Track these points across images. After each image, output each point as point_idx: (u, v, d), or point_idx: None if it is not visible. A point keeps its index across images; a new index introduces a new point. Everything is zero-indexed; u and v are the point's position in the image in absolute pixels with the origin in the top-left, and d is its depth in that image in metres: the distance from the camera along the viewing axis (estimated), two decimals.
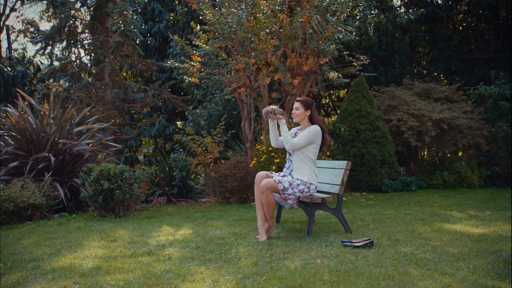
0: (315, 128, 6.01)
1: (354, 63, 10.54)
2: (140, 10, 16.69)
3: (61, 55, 13.12)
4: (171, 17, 16.23)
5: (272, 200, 5.85)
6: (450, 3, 17.90)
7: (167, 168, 10.45)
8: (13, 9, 28.15)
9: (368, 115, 11.84)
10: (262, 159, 9.20)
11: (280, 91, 11.12)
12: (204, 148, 10.19)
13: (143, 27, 16.46)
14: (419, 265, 4.42)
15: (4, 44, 27.04)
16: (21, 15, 47.86)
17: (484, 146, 12.85)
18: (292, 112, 6.22)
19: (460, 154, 14.20)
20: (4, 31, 26.62)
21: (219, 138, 10.62)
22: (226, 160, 10.90)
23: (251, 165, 9.21)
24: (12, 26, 31.20)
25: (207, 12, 9.98)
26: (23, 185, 8.19)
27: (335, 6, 9.93)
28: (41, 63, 18.71)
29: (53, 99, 10.30)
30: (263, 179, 5.92)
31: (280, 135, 6.62)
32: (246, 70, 10.11)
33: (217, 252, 5.16)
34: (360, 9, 16.80)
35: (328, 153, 10.07)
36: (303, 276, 4.17)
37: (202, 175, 10.76)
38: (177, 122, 17.37)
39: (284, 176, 6.09)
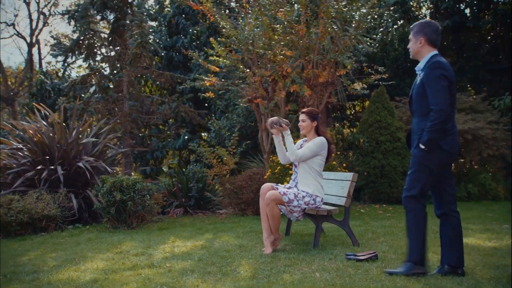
0: (321, 139, 5.94)
1: (372, 76, 10.42)
2: (165, 23, 16.87)
3: (85, 68, 13.38)
4: (195, 31, 16.34)
5: (277, 212, 5.79)
6: (477, 12, 17.61)
7: (184, 180, 10.46)
8: (45, 24, 28.87)
9: (388, 126, 11.67)
10: (276, 171, 9.15)
11: (297, 102, 11.06)
12: (219, 160, 10.18)
13: (168, 40, 16.63)
14: (419, 280, 4.30)
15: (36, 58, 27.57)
16: (54, 29, 48.91)
17: (509, 158, 12.53)
18: (299, 124, 6.17)
19: (487, 166, 13.87)
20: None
21: (233, 150, 10.60)
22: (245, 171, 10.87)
23: (265, 177, 9.16)
24: (46, 40, 31.89)
25: (224, 23, 10.01)
26: (38, 197, 8.29)
27: (353, 17, 9.85)
28: (68, 76, 19.05)
29: (72, 112, 10.45)
30: (268, 190, 5.88)
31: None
32: (263, 82, 10.09)
33: (219, 265, 5.12)
34: (383, 20, 16.66)
35: (344, 165, 9.96)
36: None
37: (219, 186, 10.73)
38: (202, 134, 17.44)
39: (290, 188, 6.03)
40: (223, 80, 11.10)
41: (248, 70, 10.13)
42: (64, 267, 5.25)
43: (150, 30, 16.49)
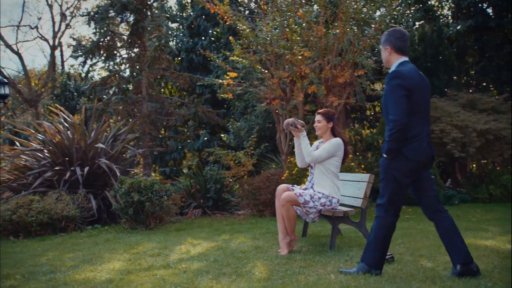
0: (337, 140, 5.91)
1: None
2: (187, 26, 16.94)
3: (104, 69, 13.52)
4: (215, 33, 16.39)
5: (292, 213, 5.78)
6: (500, 12, 17.36)
7: (202, 181, 10.49)
8: (68, 26, 29.17)
9: None
10: (294, 172, 9.12)
11: (315, 103, 11.02)
12: (237, 162, 10.19)
13: (190, 42, 16.69)
14: (435, 282, 4.25)
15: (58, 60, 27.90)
16: (76, 31, 49.50)
17: None
18: (314, 125, 6.14)
19: (510, 167, 13.66)
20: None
21: (252, 151, 10.60)
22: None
23: (283, 178, 9.14)
24: (69, 43, 32.27)
25: (241, 25, 10.02)
26: (58, 197, 8.39)
27: (372, 17, 9.78)
28: (91, 78, 19.24)
29: (91, 113, 10.55)
30: (284, 192, 5.86)
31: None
32: (281, 83, 10.07)
33: (234, 266, 5.12)
34: (404, 19, 16.52)
35: (363, 166, 9.89)
36: None
37: (236, 188, 10.75)
38: (222, 135, 17.47)
39: (305, 189, 6.00)
40: (242, 81, 11.11)
41: (266, 71, 10.12)
42: (81, 267, 5.30)
43: (170, 32, 16.55)
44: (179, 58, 16.83)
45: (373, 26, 9.84)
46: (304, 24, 9.57)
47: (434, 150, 4.62)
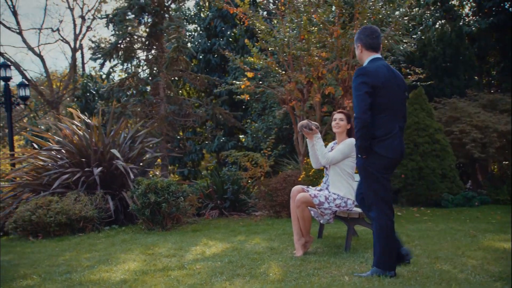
0: (351, 141, 5.87)
1: (409, 76, 10.24)
2: (204, 27, 16.99)
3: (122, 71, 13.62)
4: (233, 33, 16.39)
5: (307, 215, 5.76)
6: None
7: (219, 182, 10.51)
8: (88, 29, 29.46)
9: (427, 128, 11.46)
10: (311, 173, 9.09)
11: (332, 104, 10.97)
12: (254, 163, 10.18)
13: (207, 44, 16.73)
14: (450, 285, 4.20)
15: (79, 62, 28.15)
16: (97, 34, 49.92)
17: None
18: (335, 122, 6.08)
19: None
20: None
21: (269, 152, 10.58)
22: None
23: (299, 179, 9.11)
24: (89, 45, 32.55)
25: (259, 25, 10.01)
26: (76, 198, 8.47)
27: (389, 17, 9.70)
28: (112, 79, 19.38)
29: (109, 115, 10.64)
30: (299, 193, 5.84)
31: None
32: (298, 84, 10.04)
33: (248, 267, 5.12)
34: (423, 19, 16.38)
35: None
36: None
37: (254, 189, 10.74)
38: (240, 136, 17.47)
39: (320, 190, 5.98)
40: (260, 82, 11.10)
41: (283, 72, 10.11)
42: (97, 267, 5.34)
43: (187, 34, 16.60)
44: (197, 59, 16.87)
45: (391, 25, 9.74)
46: (320, 25, 9.53)
47: (404, 147, 4.68)
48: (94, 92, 17.31)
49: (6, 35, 48.88)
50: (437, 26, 16.88)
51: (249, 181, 10.44)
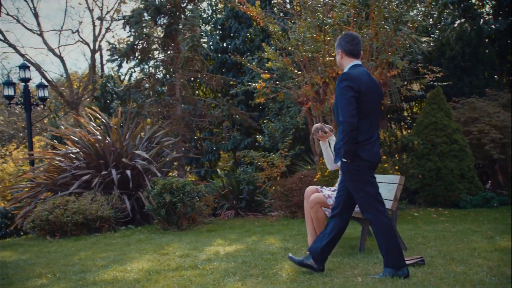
0: None
1: (426, 76, 10.15)
2: (218, 27, 17.01)
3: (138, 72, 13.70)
4: (248, 34, 16.39)
5: (321, 215, 5.73)
6: None
7: (235, 182, 10.52)
8: (108, 30, 29.67)
9: (445, 128, 11.35)
10: (326, 173, 9.05)
11: None
12: (270, 163, 10.17)
13: (222, 44, 16.76)
14: (464, 286, 4.15)
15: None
16: (115, 35, 50.22)
17: None
18: None
19: None
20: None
21: (286, 153, 10.56)
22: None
23: (315, 179, 9.08)
24: (108, 46, 32.73)
25: (273, 27, 10.00)
26: (93, 198, 8.54)
27: (405, 16, 9.62)
28: (130, 80, 19.52)
29: (126, 115, 10.72)
30: (313, 193, 5.82)
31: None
32: (314, 86, 10.01)
33: (261, 267, 5.12)
34: (442, 17, 16.22)
35: (397, 167, 9.74)
36: None
37: (273, 189, 10.72)
38: (257, 136, 17.47)
39: (334, 190, 5.94)
40: (277, 83, 11.08)
41: (299, 72, 10.08)
42: (111, 267, 5.38)
43: (203, 34, 16.62)
44: (212, 60, 16.89)
45: (408, 24, 9.67)
46: (335, 26, 9.48)
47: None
48: (112, 93, 17.42)
49: (26, 36, 49.46)
50: (455, 25, 16.70)
51: (266, 181, 10.42)
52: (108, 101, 17.57)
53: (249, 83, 10.73)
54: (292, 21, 10.54)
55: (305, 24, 9.83)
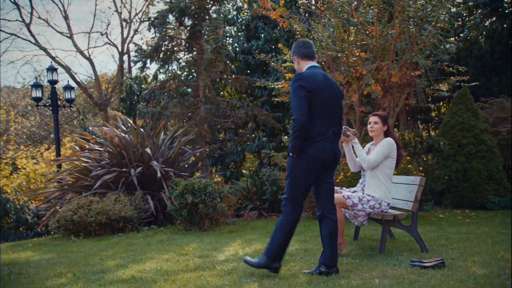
0: (388, 140, 5.78)
1: (452, 77, 9.99)
2: (243, 28, 17.02)
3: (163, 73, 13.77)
4: (273, 35, 16.35)
5: (341, 216, 5.70)
6: None
7: (258, 183, 10.51)
8: (136, 32, 29.90)
9: (472, 128, 11.16)
10: (349, 174, 8.99)
11: (372, 105, 10.82)
12: None
13: (245, 44, 16.75)
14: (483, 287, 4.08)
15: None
16: (143, 37, 50.71)
17: None
18: (370, 126, 6.01)
19: None
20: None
21: None
22: None
23: (337, 180, 9.02)
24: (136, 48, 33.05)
25: (297, 27, 9.97)
26: (116, 198, 8.62)
27: (430, 16, 9.48)
28: (152, 81, 19.65)
29: (148, 116, 10.82)
30: None
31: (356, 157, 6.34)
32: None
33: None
34: (472, 16, 15.96)
35: (421, 168, 9.62)
36: None
37: None
38: (283, 137, 17.41)
39: (355, 191, 5.90)
40: None
41: None
42: (130, 267, 5.42)
43: (228, 35, 16.64)
44: (237, 61, 16.90)
45: (432, 24, 9.53)
46: (358, 26, 9.41)
47: (339, 151, 4.94)
48: (138, 94, 17.57)
49: (56, 39, 50.31)
50: (486, 24, 16.42)
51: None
52: (133, 103, 17.72)
53: (273, 83, 10.71)
54: (317, 21, 10.48)
55: (330, 23, 9.78)
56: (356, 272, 4.83)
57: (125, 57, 27.04)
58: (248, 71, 16.70)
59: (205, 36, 12.64)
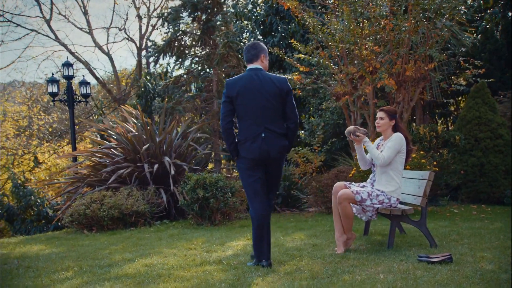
0: (397, 135, 5.73)
1: (467, 71, 9.84)
2: (259, 23, 16.98)
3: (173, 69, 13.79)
4: (289, 30, 16.27)
5: (349, 212, 5.65)
6: None
7: None
8: (154, 27, 29.97)
9: (489, 122, 11.00)
10: (361, 169, 8.92)
11: (386, 99, 10.72)
12: (305, 159, 10.08)
13: (264, 41, 16.70)
14: (489, 285, 4.02)
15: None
16: (161, 32, 50.82)
17: None
18: (376, 122, 5.97)
19: None
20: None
21: (319, 148, 10.44)
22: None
23: (350, 175, 8.97)
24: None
25: (310, 21, 9.91)
26: (129, 193, 8.67)
27: (445, 9, 9.35)
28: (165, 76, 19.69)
29: (161, 112, 10.85)
30: (341, 189, 5.75)
31: (367, 154, 6.26)
32: (351, 78, 9.87)
33: (285, 263, 5.11)
34: (490, 10, 15.72)
35: (435, 163, 9.52)
36: None
37: (310, 183, 10.64)
38: (301, 132, 17.35)
39: (363, 186, 5.85)
40: (313, 77, 11.00)
41: (335, 67, 9.97)
42: (137, 261, 5.45)
43: (243, 30, 16.60)
44: None
45: (446, 16, 9.41)
46: (371, 19, 9.32)
47: (272, 148, 5.04)
48: (154, 90, 17.64)
49: (75, 35, 50.79)
50: (505, 15, 16.15)
51: (302, 177, 10.34)
52: (149, 99, 17.79)
53: (284, 75, 10.68)
54: (333, 14, 10.41)
55: (343, 16, 9.70)
56: (362, 267, 4.80)
57: (144, 53, 27.14)
58: None
59: (217, 31, 12.64)
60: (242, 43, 14.08)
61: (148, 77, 18.54)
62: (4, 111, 27.22)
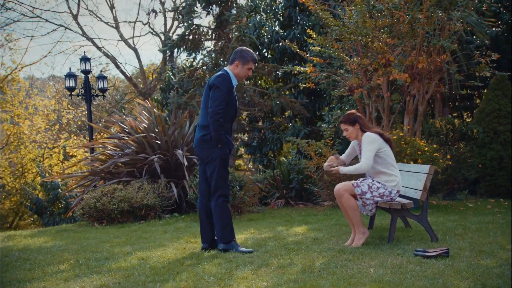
0: (366, 136, 5.64)
1: (482, 60, 9.62)
2: (277, 16, 16.90)
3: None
4: (309, 23, 16.14)
5: (353, 203, 5.58)
6: None
7: (286, 171, 10.46)
8: (179, 22, 30.09)
9: (508, 115, 10.77)
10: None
11: (400, 91, 10.57)
12: (317, 152, 9.99)
13: (283, 34, 16.62)
14: (479, 279, 3.96)
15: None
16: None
17: None
18: (343, 134, 5.95)
19: None
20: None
21: (331, 142, 10.34)
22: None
23: None
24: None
25: (323, 14, 9.82)
26: (139, 186, 8.75)
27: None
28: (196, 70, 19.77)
29: (172, 106, 10.90)
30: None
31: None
32: (362, 71, 9.75)
33: (281, 257, 5.09)
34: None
35: (449, 156, 9.35)
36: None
37: (324, 177, 10.57)
38: (322, 125, 17.23)
39: (364, 179, 5.76)
40: (329, 69, 10.91)
41: (349, 58, 9.86)
42: (134, 254, 5.49)
43: (262, 24, 16.55)
44: (273, 50, 16.78)
45: (462, 8, 9.21)
46: (384, 11, 9.18)
47: (195, 140, 5.63)
48: (175, 85, 17.77)
49: (101, 29, 51.32)
50: None
51: (315, 170, 10.25)
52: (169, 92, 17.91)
53: (297, 68, 10.61)
54: (347, 6, 10.29)
55: (356, 9, 9.58)
56: (356, 261, 4.76)
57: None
58: (286, 59, 16.60)
59: (230, 25, 12.63)
60: (258, 37, 14.06)
61: (172, 71, 18.66)
62: (34, 105, 27.70)
